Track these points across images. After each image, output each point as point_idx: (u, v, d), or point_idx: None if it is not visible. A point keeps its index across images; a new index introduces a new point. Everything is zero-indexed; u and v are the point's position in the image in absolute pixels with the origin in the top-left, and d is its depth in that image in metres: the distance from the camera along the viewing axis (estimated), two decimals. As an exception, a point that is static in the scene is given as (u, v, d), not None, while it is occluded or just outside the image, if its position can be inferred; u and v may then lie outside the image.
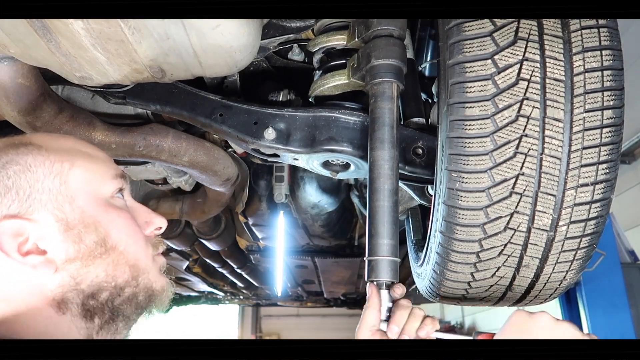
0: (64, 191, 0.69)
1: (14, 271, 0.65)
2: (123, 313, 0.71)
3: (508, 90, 0.90)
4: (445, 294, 1.20)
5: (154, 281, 0.75)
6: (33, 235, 0.66)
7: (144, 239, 0.77)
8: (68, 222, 0.68)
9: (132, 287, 0.72)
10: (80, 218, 0.69)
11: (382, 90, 1.03)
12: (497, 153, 0.92)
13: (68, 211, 0.68)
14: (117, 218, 0.73)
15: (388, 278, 0.91)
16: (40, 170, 0.69)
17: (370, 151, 1.00)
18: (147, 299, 0.74)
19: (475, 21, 0.93)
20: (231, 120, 1.25)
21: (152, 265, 0.76)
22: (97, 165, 0.75)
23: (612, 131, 0.91)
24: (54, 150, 0.72)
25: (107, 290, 0.69)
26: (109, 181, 0.75)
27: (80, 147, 0.76)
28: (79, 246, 0.68)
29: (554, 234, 0.98)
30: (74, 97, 1.47)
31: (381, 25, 1.07)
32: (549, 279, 1.08)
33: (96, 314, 0.69)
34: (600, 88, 0.90)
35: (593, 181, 0.93)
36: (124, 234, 0.73)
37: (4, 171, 0.67)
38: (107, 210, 0.72)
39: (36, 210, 0.67)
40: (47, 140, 0.74)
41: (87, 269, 0.68)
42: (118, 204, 0.75)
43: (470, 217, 0.98)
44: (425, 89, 1.43)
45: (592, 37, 0.91)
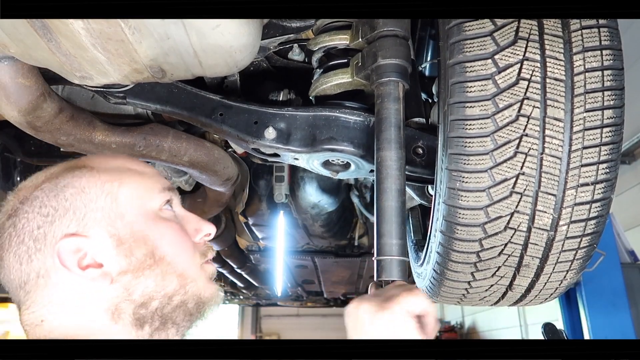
0: (115, 208, 0.74)
1: (74, 284, 0.70)
2: (173, 320, 0.75)
3: (508, 89, 0.90)
4: (446, 294, 1.21)
5: (202, 289, 0.79)
6: (91, 251, 0.71)
7: (191, 248, 0.80)
8: (120, 237, 0.73)
9: (180, 295, 0.75)
10: (131, 233, 0.74)
11: (388, 90, 1.03)
12: (497, 152, 0.92)
13: (120, 227, 0.74)
14: (164, 230, 0.77)
15: (398, 278, 0.91)
16: (93, 191, 0.75)
17: (377, 152, 1.00)
18: (196, 306, 0.78)
19: (476, 21, 0.93)
20: (231, 120, 1.25)
21: (200, 274, 0.80)
22: (145, 181, 0.80)
23: (612, 131, 0.91)
24: (105, 171, 0.77)
25: (157, 299, 0.73)
26: (156, 195, 0.79)
27: (129, 165, 0.82)
28: (130, 259, 0.73)
29: (554, 234, 0.98)
30: (74, 97, 1.47)
31: (387, 26, 1.07)
32: (549, 278, 1.08)
33: (146, 322, 0.73)
34: (600, 88, 0.90)
35: (593, 181, 0.93)
36: (172, 245, 0.77)
37: (62, 194, 0.73)
38: (156, 223, 0.77)
39: (91, 227, 0.72)
40: (99, 161, 0.80)
41: (137, 280, 0.73)
42: (166, 215, 0.80)
43: (471, 217, 0.98)
44: (425, 89, 1.43)
45: (593, 37, 0.91)
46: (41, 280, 0.70)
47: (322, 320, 13.53)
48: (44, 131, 1.26)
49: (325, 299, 7.65)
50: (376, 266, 0.93)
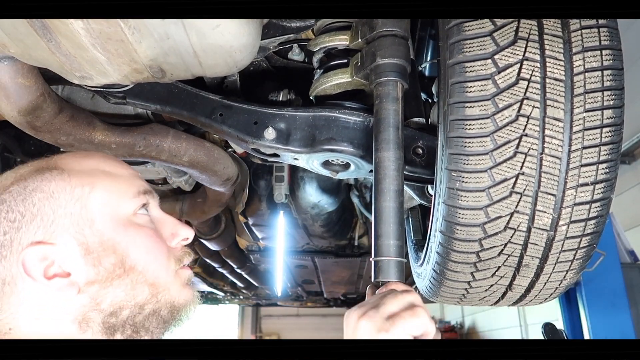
0: (84, 215, 0.71)
1: (40, 293, 0.68)
2: (146, 328, 0.73)
3: (508, 89, 0.90)
4: (446, 294, 1.20)
5: (175, 296, 0.77)
6: (58, 259, 0.69)
7: (165, 254, 0.78)
8: (88, 246, 0.70)
9: (152, 303, 0.74)
10: (100, 241, 0.71)
11: (387, 91, 1.03)
12: (497, 152, 0.92)
13: (88, 235, 0.71)
14: (136, 237, 0.75)
15: (394, 279, 0.91)
16: (62, 196, 0.71)
17: (376, 152, 1.00)
18: (170, 313, 0.76)
19: (475, 21, 0.93)
20: (231, 120, 1.25)
21: (174, 281, 0.78)
22: (118, 185, 0.77)
23: (612, 131, 0.91)
24: (76, 174, 0.74)
25: (127, 308, 0.71)
26: (130, 200, 0.76)
27: (104, 166, 0.78)
28: (97, 269, 0.70)
29: (554, 234, 0.98)
30: (74, 97, 1.47)
31: (386, 26, 1.07)
32: (549, 278, 1.08)
33: (117, 331, 0.71)
34: (600, 88, 0.90)
35: (593, 181, 0.93)
36: (143, 253, 0.74)
37: (30, 199, 0.70)
38: (127, 231, 0.74)
39: (59, 235, 0.69)
40: (71, 162, 0.76)
41: (105, 290, 0.70)
42: (140, 221, 0.77)
43: (471, 217, 0.98)
44: (425, 89, 1.43)
45: (592, 37, 0.91)
46: (7, 287, 0.67)
47: (322, 320, 13.54)
48: (43, 131, 1.26)
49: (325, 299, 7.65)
50: (374, 267, 0.93)
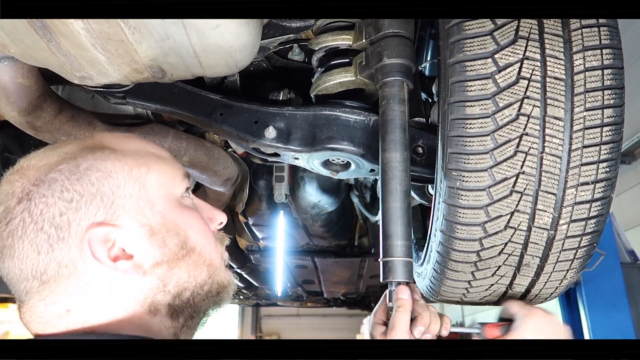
0: (144, 196, 0.70)
1: (107, 277, 0.66)
2: (202, 309, 0.74)
3: (508, 88, 0.90)
4: (446, 293, 1.20)
5: (224, 277, 0.78)
6: (120, 241, 0.67)
7: (214, 237, 0.79)
8: (152, 227, 0.69)
9: (209, 284, 0.74)
10: (162, 222, 0.71)
11: (393, 92, 1.03)
12: (497, 152, 0.92)
13: (150, 216, 0.70)
14: (191, 219, 0.75)
15: (404, 279, 0.92)
16: (121, 176, 0.69)
17: (383, 153, 1.00)
18: (218, 294, 0.76)
19: (476, 20, 0.93)
20: (231, 120, 1.25)
21: (222, 262, 0.79)
22: (169, 167, 0.76)
23: (612, 130, 0.91)
24: (130, 154, 0.72)
25: (190, 289, 0.72)
26: (180, 182, 0.76)
27: (149, 148, 0.77)
28: (163, 250, 0.70)
29: (554, 233, 0.98)
30: (74, 97, 1.47)
31: (393, 27, 1.07)
32: (550, 278, 1.08)
33: (181, 313, 0.71)
34: (600, 87, 0.90)
35: (593, 180, 0.93)
36: (200, 234, 0.75)
37: (86, 178, 0.67)
38: (182, 213, 0.74)
39: (120, 216, 0.68)
40: (120, 142, 0.75)
41: (172, 271, 0.70)
42: (188, 203, 0.77)
43: (471, 216, 0.98)
44: (425, 89, 1.43)
45: (593, 36, 0.91)
46: (64, 270, 0.65)
47: (322, 320, 13.54)
48: (44, 131, 1.26)
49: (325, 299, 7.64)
50: (382, 267, 0.93)
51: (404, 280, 0.92)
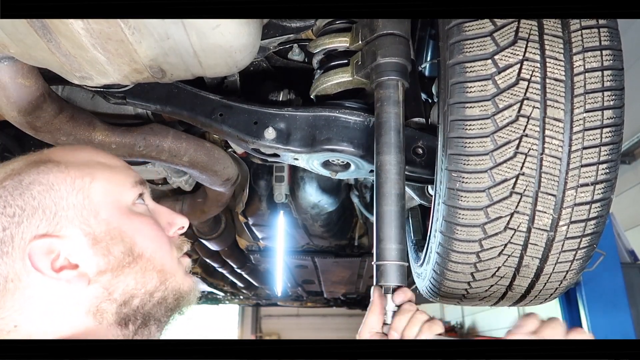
0: (87, 205, 0.71)
1: (50, 288, 0.67)
2: (154, 317, 0.73)
3: (508, 90, 0.90)
4: (446, 294, 1.20)
5: (181, 283, 0.77)
6: (64, 252, 0.67)
7: (168, 242, 0.78)
8: (95, 236, 0.70)
9: (161, 291, 0.74)
10: (107, 230, 0.71)
11: (388, 94, 1.02)
12: (497, 153, 0.92)
13: (94, 225, 0.70)
14: (140, 225, 0.74)
15: (396, 283, 0.91)
16: (62, 187, 0.70)
17: (377, 155, 0.99)
18: (175, 300, 0.76)
19: (476, 21, 0.92)
20: (231, 120, 1.25)
21: (178, 268, 0.78)
22: (117, 175, 0.76)
23: (612, 131, 0.91)
24: (74, 165, 0.73)
25: (138, 297, 0.71)
26: (129, 189, 0.76)
27: (99, 158, 0.78)
28: (108, 258, 0.70)
29: (554, 234, 0.98)
30: (74, 97, 1.47)
31: (387, 28, 1.07)
32: (549, 278, 1.07)
33: (130, 321, 0.71)
34: (600, 88, 0.90)
35: (593, 181, 0.93)
36: (149, 240, 0.74)
37: (28, 192, 0.68)
38: (131, 219, 0.74)
39: (64, 227, 0.68)
40: (65, 155, 0.75)
41: (117, 279, 0.70)
42: (140, 210, 0.77)
43: (471, 217, 0.97)
44: (425, 89, 1.43)
45: (592, 37, 0.91)
46: (10, 284, 0.65)
47: (322, 320, 13.54)
48: (44, 131, 1.26)
49: (325, 299, 7.65)
50: (375, 271, 0.93)
51: (396, 284, 0.91)
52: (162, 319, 0.75)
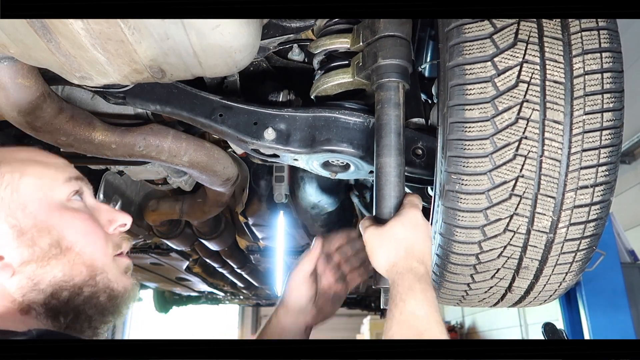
0: (15, 199, 0.74)
1: None
2: (85, 313, 0.74)
3: (508, 92, 0.90)
4: (445, 295, 1.20)
5: (114, 281, 0.78)
6: None
7: (102, 238, 0.80)
8: (21, 228, 0.72)
9: (90, 286, 0.75)
10: (33, 223, 0.73)
11: (388, 96, 1.02)
12: (496, 155, 0.92)
13: (20, 218, 0.73)
14: (71, 220, 0.77)
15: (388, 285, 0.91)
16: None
17: (377, 158, 0.99)
18: (108, 299, 0.77)
19: (475, 23, 0.92)
20: (231, 121, 1.25)
21: (112, 265, 0.79)
22: (49, 172, 0.79)
23: (611, 133, 0.91)
24: (6, 162, 0.76)
25: (66, 289, 0.73)
26: (61, 185, 0.79)
27: (35, 156, 0.81)
28: (32, 249, 0.72)
29: (553, 236, 0.98)
30: (74, 97, 1.47)
31: (388, 29, 1.07)
32: (549, 280, 1.07)
33: (60, 313, 0.72)
34: (600, 90, 0.90)
35: (593, 183, 0.93)
36: (79, 234, 0.76)
37: None
38: (61, 213, 0.76)
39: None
40: (3, 153, 0.79)
41: (43, 269, 0.72)
42: (75, 206, 0.79)
43: (470, 219, 0.97)
44: (425, 90, 1.43)
45: (592, 40, 0.91)
46: None
47: (322, 320, 13.51)
48: (43, 131, 1.26)
49: (325, 299, 7.63)
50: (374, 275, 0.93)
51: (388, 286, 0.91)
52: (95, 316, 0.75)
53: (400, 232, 0.87)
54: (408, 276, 0.82)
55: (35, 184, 0.76)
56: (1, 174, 0.75)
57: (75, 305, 0.73)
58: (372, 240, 0.89)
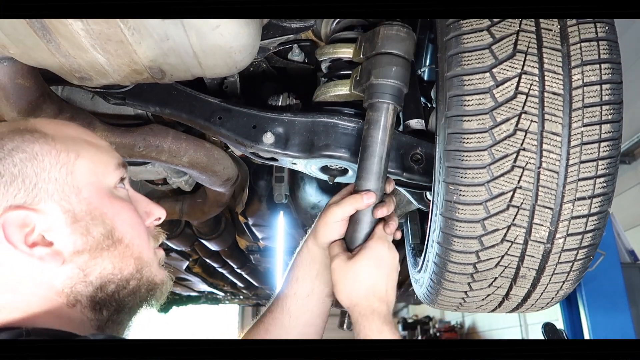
0: (70, 182, 0.68)
1: (21, 263, 0.64)
2: (128, 305, 0.72)
3: (506, 103, 0.89)
4: (443, 302, 1.20)
5: (155, 274, 0.76)
6: (39, 227, 0.65)
7: (146, 231, 0.77)
8: (75, 214, 0.67)
9: (136, 279, 0.72)
10: (88, 210, 0.69)
11: (376, 118, 1.01)
12: (494, 166, 0.91)
13: (75, 202, 0.68)
14: (121, 210, 0.73)
15: None
16: (47, 159, 0.67)
17: (357, 179, 1.01)
18: (148, 291, 0.75)
19: (474, 33, 0.91)
20: (230, 124, 1.24)
21: (154, 258, 0.77)
22: (102, 155, 0.74)
23: (610, 145, 0.90)
24: (60, 139, 0.70)
25: (114, 282, 0.70)
26: (113, 171, 0.75)
27: (85, 136, 0.76)
28: (86, 238, 0.68)
29: (550, 246, 0.97)
30: (74, 97, 1.47)
31: (385, 46, 1.04)
32: (546, 289, 1.07)
33: (104, 306, 0.70)
34: (599, 102, 0.89)
35: (590, 195, 0.93)
36: (129, 226, 0.73)
37: (9, 158, 0.65)
38: (112, 202, 0.72)
39: (42, 200, 0.65)
40: (53, 127, 0.73)
41: (94, 261, 0.68)
42: (121, 194, 0.75)
43: (468, 229, 0.97)
44: (424, 93, 1.42)
45: (591, 51, 0.90)
46: None
47: (322, 320, 13.50)
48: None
49: (325, 299, 7.63)
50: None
51: None
52: (134, 308, 0.74)
53: (363, 271, 0.90)
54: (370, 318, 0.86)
55: (90, 168, 0.71)
56: (56, 152, 0.68)
57: (120, 298, 0.70)
58: (338, 272, 0.92)
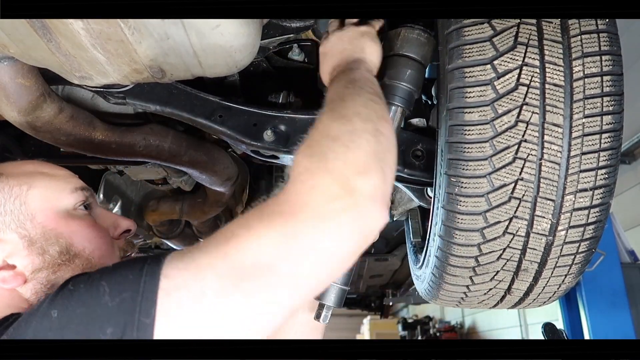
0: (24, 211, 0.78)
1: None
2: None
3: (507, 95, 0.90)
4: (444, 297, 1.20)
5: None
6: (1, 254, 0.75)
7: (109, 243, 0.85)
8: (31, 238, 0.77)
9: None
10: (42, 233, 0.78)
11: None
12: (496, 158, 0.92)
13: (30, 228, 0.77)
14: (78, 227, 0.81)
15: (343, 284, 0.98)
16: (1, 195, 0.78)
17: None
18: None
19: (475, 25, 0.92)
20: (231, 122, 1.25)
21: None
22: (55, 183, 0.84)
23: (611, 136, 0.91)
24: (13, 176, 0.81)
25: None
26: (68, 195, 0.83)
27: (41, 169, 0.85)
28: (43, 257, 0.77)
29: (552, 239, 0.97)
30: (74, 96, 1.47)
31: (403, 49, 1.03)
32: (548, 282, 1.07)
33: None
34: (599, 93, 0.90)
35: (592, 186, 0.93)
36: (87, 240, 0.81)
37: None
38: (68, 222, 0.81)
39: (1, 230, 0.76)
40: (9, 167, 0.84)
41: (55, 274, 0.76)
42: (80, 214, 0.83)
43: (469, 222, 0.97)
44: (424, 90, 1.43)
45: (592, 42, 0.90)
46: None
47: (322, 320, 13.51)
48: (44, 131, 1.26)
49: (325, 299, 7.63)
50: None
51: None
52: None
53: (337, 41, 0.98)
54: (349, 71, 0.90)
55: (42, 195, 0.80)
56: (9, 187, 0.79)
57: None
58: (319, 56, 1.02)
